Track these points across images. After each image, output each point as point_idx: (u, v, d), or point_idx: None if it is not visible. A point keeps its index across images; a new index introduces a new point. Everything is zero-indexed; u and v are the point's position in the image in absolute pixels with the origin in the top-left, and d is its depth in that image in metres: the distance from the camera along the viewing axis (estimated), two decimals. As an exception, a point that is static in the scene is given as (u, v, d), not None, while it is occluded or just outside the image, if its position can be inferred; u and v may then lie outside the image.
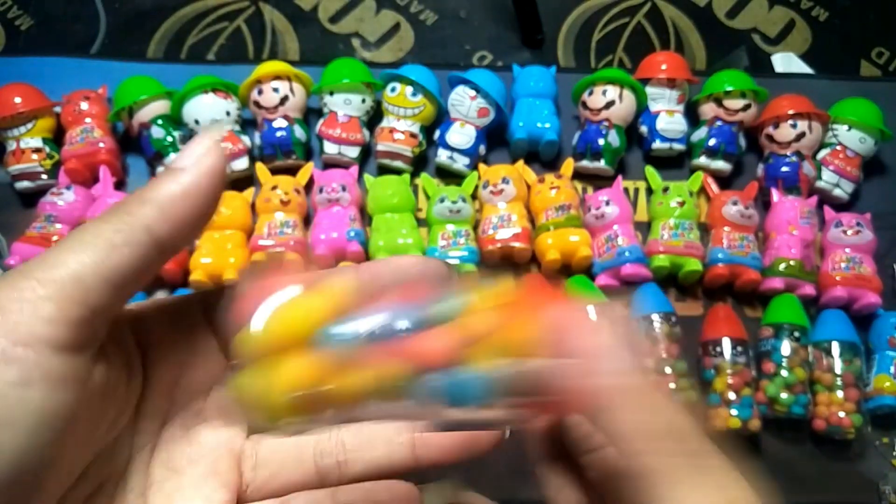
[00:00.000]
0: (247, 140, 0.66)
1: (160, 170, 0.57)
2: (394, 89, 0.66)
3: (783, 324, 0.58)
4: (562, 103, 0.69)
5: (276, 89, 0.65)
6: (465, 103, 0.66)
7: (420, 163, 0.67)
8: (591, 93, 0.67)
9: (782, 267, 0.61)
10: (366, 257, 0.62)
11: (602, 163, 0.66)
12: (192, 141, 0.22)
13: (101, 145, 0.64)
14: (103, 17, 1.20)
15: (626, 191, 0.66)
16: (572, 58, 1.20)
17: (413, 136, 0.65)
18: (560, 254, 0.61)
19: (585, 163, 0.66)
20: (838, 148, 0.66)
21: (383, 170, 0.67)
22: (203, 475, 0.23)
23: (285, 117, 0.65)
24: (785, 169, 0.65)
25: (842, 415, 0.56)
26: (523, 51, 1.20)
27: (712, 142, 0.66)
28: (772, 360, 0.57)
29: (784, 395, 0.56)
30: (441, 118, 0.68)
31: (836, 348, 0.58)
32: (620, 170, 0.67)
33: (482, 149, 0.66)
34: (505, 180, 0.63)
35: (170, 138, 0.65)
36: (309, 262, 0.62)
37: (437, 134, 0.67)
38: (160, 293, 0.61)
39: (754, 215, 0.63)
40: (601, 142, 0.65)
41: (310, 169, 0.65)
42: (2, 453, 0.17)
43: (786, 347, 0.57)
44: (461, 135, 0.65)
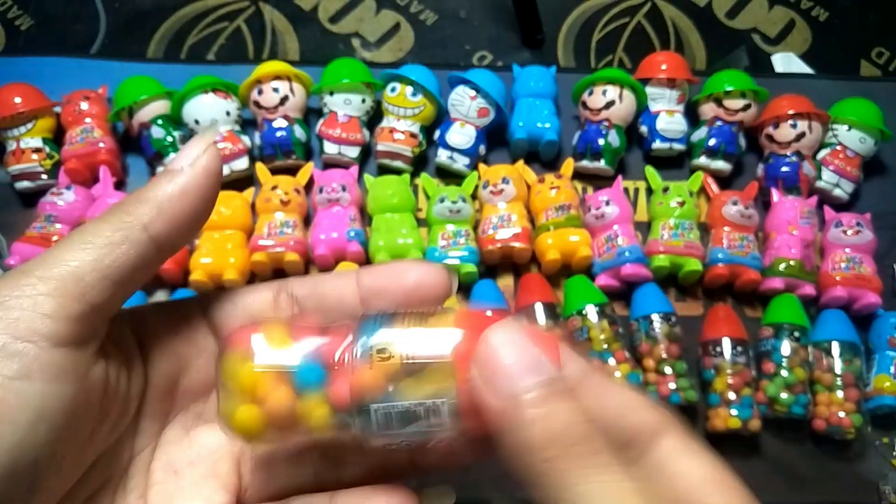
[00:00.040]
0: (247, 140, 0.66)
1: (160, 170, 0.57)
2: (394, 89, 0.66)
3: (783, 324, 0.58)
4: (562, 103, 0.69)
5: (276, 89, 0.65)
6: (465, 103, 0.66)
7: (420, 163, 0.67)
8: (591, 93, 0.67)
9: (782, 267, 0.61)
10: (366, 257, 0.62)
11: (602, 163, 0.66)
12: (188, 142, 0.22)
13: (101, 145, 0.64)
14: (103, 17, 1.20)
15: (626, 191, 0.66)
16: (572, 58, 1.20)
17: (413, 136, 0.65)
18: (560, 254, 0.61)
19: (585, 163, 0.66)
20: (838, 148, 0.66)
21: (383, 170, 0.67)
22: (203, 477, 0.23)
23: (285, 117, 0.65)
24: (785, 169, 0.65)
25: (842, 415, 0.56)
26: (523, 51, 1.20)
27: (712, 142, 0.66)
28: (772, 360, 0.57)
29: (784, 395, 0.56)
30: (441, 118, 0.68)
31: (836, 348, 0.58)
32: (620, 170, 0.67)
33: (482, 149, 0.66)
34: (505, 180, 0.63)
35: (170, 138, 0.65)
36: (309, 264, 0.62)
37: (437, 134, 0.67)
38: (160, 293, 0.61)
39: (754, 215, 0.63)
40: (601, 142, 0.65)
41: (310, 169, 0.65)
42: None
43: (786, 347, 0.57)
44: (461, 135, 0.65)
